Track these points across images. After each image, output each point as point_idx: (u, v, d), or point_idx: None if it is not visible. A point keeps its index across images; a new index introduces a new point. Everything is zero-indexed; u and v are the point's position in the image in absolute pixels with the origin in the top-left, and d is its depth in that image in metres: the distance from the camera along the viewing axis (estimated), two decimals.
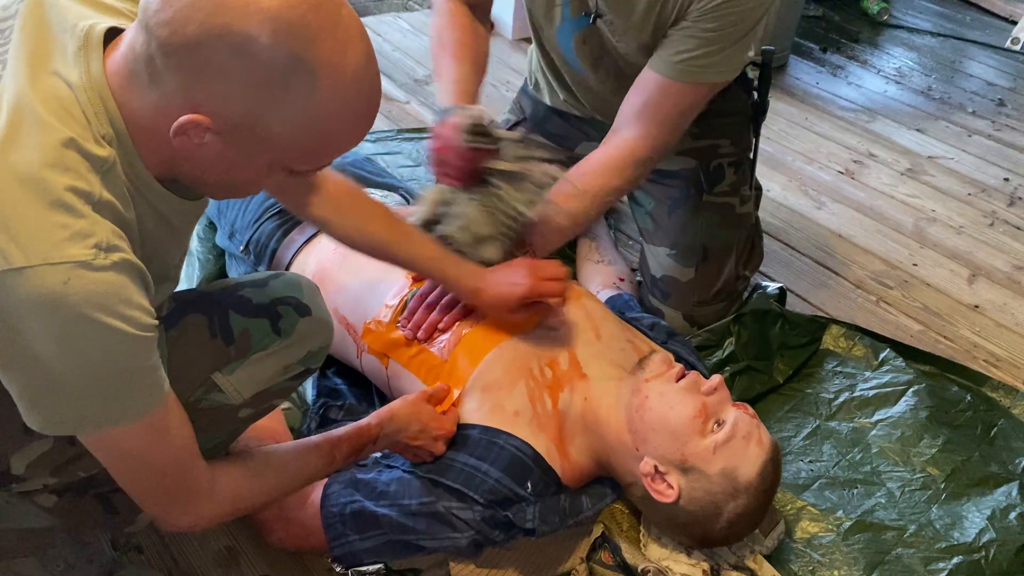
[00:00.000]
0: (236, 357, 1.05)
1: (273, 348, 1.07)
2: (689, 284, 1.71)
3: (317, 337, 1.12)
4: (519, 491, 1.22)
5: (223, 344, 1.05)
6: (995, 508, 1.44)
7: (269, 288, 1.10)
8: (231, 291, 1.09)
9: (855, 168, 2.52)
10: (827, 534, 1.41)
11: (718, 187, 1.72)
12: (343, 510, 1.24)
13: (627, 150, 1.50)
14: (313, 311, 1.11)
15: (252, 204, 1.68)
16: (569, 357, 1.37)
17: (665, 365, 1.32)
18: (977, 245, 2.22)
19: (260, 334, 1.06)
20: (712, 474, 1.22)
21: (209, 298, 1.08)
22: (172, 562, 1.29)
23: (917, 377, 1.68)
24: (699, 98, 1.50)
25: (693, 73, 1.45)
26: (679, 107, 1.49)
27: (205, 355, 1.04)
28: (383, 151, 2.33)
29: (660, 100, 1.48)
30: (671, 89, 1.47)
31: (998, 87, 3.09)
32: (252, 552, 1.31)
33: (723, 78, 1.49)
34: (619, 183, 1.52)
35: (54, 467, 1.01)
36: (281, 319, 1.07)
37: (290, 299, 1.10)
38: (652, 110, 1.49)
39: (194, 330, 1.04)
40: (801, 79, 3.04)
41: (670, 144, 1.54)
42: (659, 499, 1.24)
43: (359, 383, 1.56)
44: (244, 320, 1.06)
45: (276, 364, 1.08)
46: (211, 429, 1.07)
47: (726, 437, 1.22)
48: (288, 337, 1.08)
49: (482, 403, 1.31)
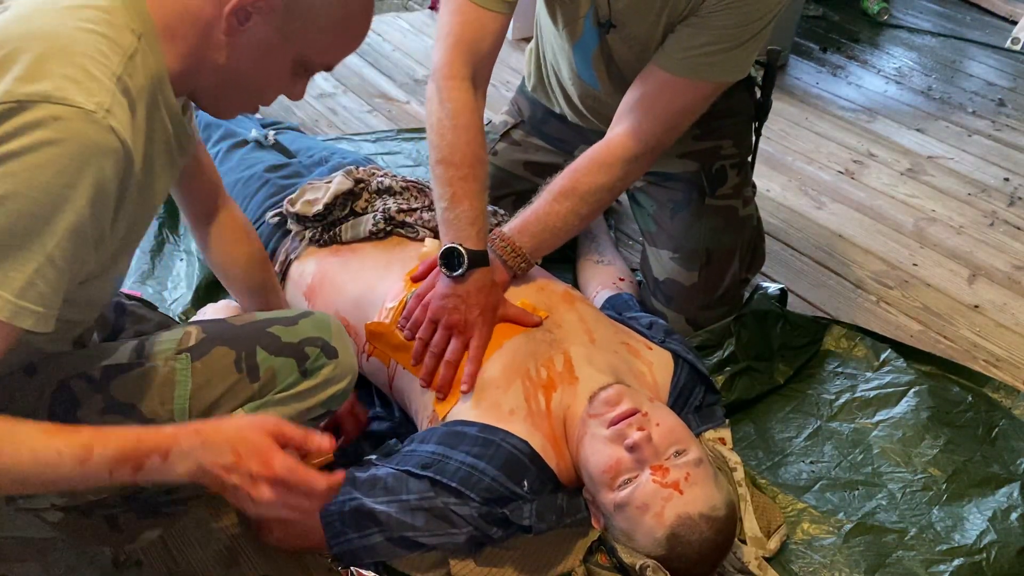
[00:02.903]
0: (260, 395, 1.05)
1: (297, 389, 1.07)
2: (693, 288, 1.70)
3: (341, 380, 1.12)
4: (516, 489, 1.23)
5: (248, 381, 1.05)
6: (996, 509, 1.44)
7: (298, 327, 1.10)
8: (260, 327, 1.09)
9: (855, 168, 2.52)
10: (828, 536, 1.41)
11: (720, 190, 1.71)
12: (341, 508, 1.24)
13: (616, 146, 1.46)
14: (340, 354, 1.11)
15: (252, 204, 1.68)
16: (564, 359, 1.37)
17: (606, 407, 1.24)
18: (977, 245, 2.22)
19: (286, 373, 1.06)
20: (616, 528, 1.24)
21: (238, 332, 1.08)
22: (172, 562, 1.28)
23: (918, 378, 1.68)
24: (699, 97, 1.45)
25: (696, 69, 1.41)
26: (675, 104, 1.44)
27: (230, 390, 1.04)
28: (383, 151, 2.33)
29: (656, 95, 1.44)
30: (669, 84, 1.42)
31: (998, 87, 3.09)
32: (252, 552, 1.30)
33: (726, 78, 1.45)
34: (607, 180, 1.46)
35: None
36: (308, 360, 1.07)
37: (318, 340, 1.09)
38: (646, 105, 1.45)
39: (220, 364, 1.04)
40: (801, 79, 3.03)
41: (663, 142, 1.48)
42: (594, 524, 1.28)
43: (359, 383, 1.55)
44: (271, 358, 1.06)
45: (298, 405, 1.08)
46: None
47: (623, 501, 1.20)
48: (313, 378, 1.08)
49: (479, 401, 1.32)
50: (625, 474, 1.20)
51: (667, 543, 1.18)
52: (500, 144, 1.85)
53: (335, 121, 2.50)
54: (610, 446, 1.21)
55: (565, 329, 1.40)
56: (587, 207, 1.48)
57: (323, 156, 1.80)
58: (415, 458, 1.25)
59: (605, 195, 1.49)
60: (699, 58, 1.40)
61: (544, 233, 1.46)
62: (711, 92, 1.46)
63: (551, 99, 1.78)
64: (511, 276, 1.45)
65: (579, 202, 1.46)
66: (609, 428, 1.22)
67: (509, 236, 1.44)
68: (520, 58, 2.91)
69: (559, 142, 1.81)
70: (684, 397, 1.43)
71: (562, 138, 1.81)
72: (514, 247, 1.43)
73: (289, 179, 1.71)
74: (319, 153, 1.82)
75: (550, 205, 1.46)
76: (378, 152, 2.32)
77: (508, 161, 1.84)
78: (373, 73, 2.78)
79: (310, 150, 1.83)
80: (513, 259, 1.43)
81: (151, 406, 1.02)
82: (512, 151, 1.84)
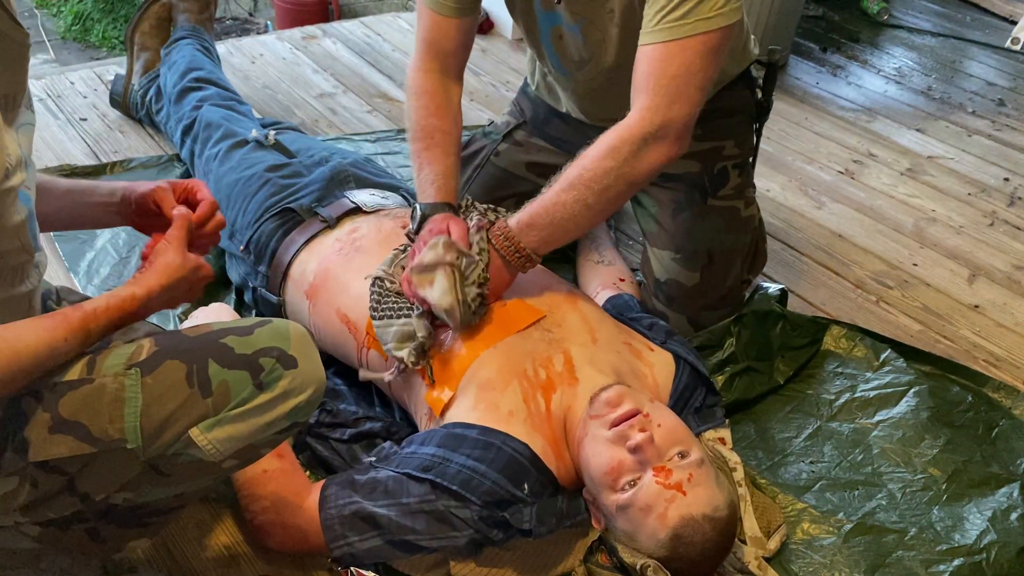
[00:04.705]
0: (214, 411, 1.00)
1: (254, 403, 1.01)
2: (694, 289, 1.70)
3: (303, 392, 1.04)
4: (516, 493, 1.22)
5: (200, 396, 0.99)
6: (996, 509, 1.44)
7: (253, 337, 1.03)
8: (214, 338, 1.04)
9: (855, 168, 2.52)
10: (828, 536, 1.41)
11: (722, 190, 1.70)
12: (341, 511, 1.24)
13: (623, 128, 1.38)
14: (300, 363, 1.04)
15: (252, 204, 1.68)
16: (564, 359, 1.36)
17: (608, 407, 1.25)
18: (977, 245, 2.22)
19: (240, 387, 1.00)
20: (618, 529, 1.24)
21: (191, 344, 1.03)
22: (172, 562, 1.29)
23: (918, 378, 1.68)
24: (693, 57, 1.35)
25: (673, 28, 1.34)
26: (670, 70, 1.35)
27: (181, 407, 0.99)
28: (383, 151, 2.33)
29: (649, 70, 1.37)
30: (657, 54, 1.36)
31: (998, 87, 3.09)
32: (252, 552, 1.31)
33: (711, 26, 1.34)
34: (613, 164, 1.36)
35: (21, 507, 0.99)
36: (263, 372, 1.01)
37: (273, 350, 1.02)
38: (643, 82, 1.37)
39: (171, 379, 0.99)
40: (801, 79, 3.03)
41: (673, 117, 1.36)
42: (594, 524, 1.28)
43: (359, 383, 1.56)
44: (223, 371, 1.00)
45: (258, 420, 1.02)
46: (192, 479, 1.05)
47: (625, 503, 1.20)
48: (270, 391, 1.02)
49: (477, 402, 1.31)
50: (628, 475, 1.20)
51: (670, 544, 1.18)
52: (502, 145, 1.85)
53: (335, 121, 2.50)
54: (612, 447, 1.21)
55: (566, 328, 1.40)
56: (594, 196, 1.38)
57: (323, 156, 1.80)
58: (415, 461, 1.25)
59: (613, 181, 1.37)
60: (670, 17, 1.34)
61: (550, 226, 1.40)
62: (703, 48, 1.36)
63: (555, 97, 1.79)
64: (514, 275, 1.43)
65: (585, 190, 1.37)
66: (611, 429, 1.22)
67: (512, 233, 1.40)
68: (520, 58, 2.91)
69: (562, 142, 1.81)
70: (685, 399, 1.43)
71: (565, 138, 1.81)
72: (516, 246, 1.40)
73: (289, 179, 1.71)
74: (319, 153, 1.82)
75: (556, 195, 1.39)
76: (378, 152, 2.32)
77: (511, 162, 1.84)
78: (373, 73, 2.78)
79: (310, 150, 1.83)
80: (515, 258, 1.41)
81: (100, 424, 0.97)
82: (515, 152, 1.84)
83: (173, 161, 2.17)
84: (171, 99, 2.11)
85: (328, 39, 2.98)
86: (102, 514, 1.06)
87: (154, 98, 2.22)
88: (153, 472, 1.01)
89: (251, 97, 2.48)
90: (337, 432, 1.44)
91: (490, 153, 1.84)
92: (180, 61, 2.16)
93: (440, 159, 1.51)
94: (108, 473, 1.00)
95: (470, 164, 1.84)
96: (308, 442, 1.43)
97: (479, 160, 1.85)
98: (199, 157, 1.93)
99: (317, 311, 1.53)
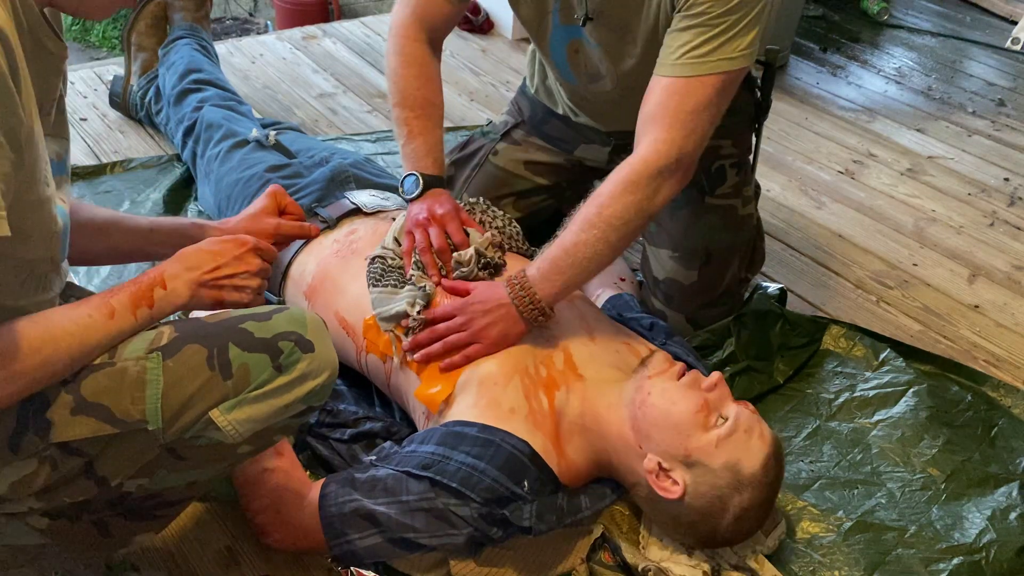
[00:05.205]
0: (234, 393, 1.02)
1: (273, 385, 1.04)
2: (692, 287, 1.70)
3: (320, 375, 1.08)
4: (516, 490, 1.22)
5: (220, 378, 1.02)
6: (995, 508, 1.44)
7: (272, 322, 1.07)
8: (233, 323, 1.07)
9: (855, 168, 2.52)
10: (828, 534, 1.41)
11: (720, 189, 1.71)
12: (341, 509, 1.24)
13: (638, 162, 1.38)
14: (317, 347, 1.07)
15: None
16: (564, 357, 1.37)
17: (667, 363, 1.34)
18: (977, 245, 2.22)
19: (259, 370, 1.03)
20: (716, 468, 1.22)
21: (211, 330, 1.06)
22: (172, 562, 1.29)
23: (917, 377, 1.68)
24: (709, 93, 1.38)
25: (695, 65, 1.37)
26: (686, 105, 1.38)
27: (202, 388, 1.01)
28: (383, 151, 2.33)
29: (665, 102, 1.38)
30: (675, 87, 1.38)
31: (998, 87, 3.09)
32: (252, 552, 1.31)
33: (730, 67, 1.38)
34: (633, 199, 1.36)
35: (37, 491, 1.00)
36: (282, 355, 1.04)
37: (291, 334, 1.06)
38: (659, 115, 1.39)
39: (192, 362, 1.02)
40: (801, 79, 3.03)
41: (687, 150, 1.39)
42: (665, 496, 1.24)
43: (359, 383, 1.56)
44: (244, 354, 1.03)
45: (276, 402, 1.05)
46: (208, 465, 1.06)
47: (728, 431, 1.22)
48: (289, 373, 1.05)
49: (478, 399, 1.31)
50: (718, 410, 1.25)
51: (772, 461, 1.24)
52: (500, 144, 1.85)
53: (335, 121, 2.50)
54: (691, 391, 1.27)
55: (563, 326, 1.41)
56: (616, 233, 1.36)
57: (323, 156, 1.80)
58: (415, 459, 1.25)
59: (635, 218, 1.37)
60: (694, 53, 1.36)
61: (572, 268, 1.36)
62: (721, 85, 1.39)
63: (554, 99, 1.79)
64: (527, 328, 1.38)
65: (607, 228, 1.36)
66: (681, 377, 1.29)
67: (529, 284, 1.36)
68: (520, 58, 2.91)
69: (559, 142, 1.81)
70: None
71: (562, 138, 1.81)
72: (532, 297, 1.36)
73: (290, 179, 1.71)
74: (320, 153, 1.82)
75: (576, 236, 1.36)
76: (378, 152, 2.32)
77: (509, 161, 1.84)
78: (373, 73, 2.78)
79: (310, 150, 1.83)
80: (529, 310, 1.36)
81: (122, 406, 1.00)
82: (513, 151, 1.84)
83: (173, 161, 2.18)
84: (170, 101, 2.11)
85: (328, 39, 2.98)
86: (113, 504, 1.07)
87: (153, 99, 2.22)
88: (170, 456, 1.03)
89: (251, 97, 2.48)
90: (337, 432, 1.44)
91: (488, 152, 1.84)
92: (178, 62, 2.16)
93: (432, 130, 1.55)
94: (127, 455, 1.01)
95: (468, 164, 1.85)
96: (308, 442, 1.44)
97: (477, 160, 1.85)
98: (201, 158, 1.93)
99: (316, 312, 1.53)
